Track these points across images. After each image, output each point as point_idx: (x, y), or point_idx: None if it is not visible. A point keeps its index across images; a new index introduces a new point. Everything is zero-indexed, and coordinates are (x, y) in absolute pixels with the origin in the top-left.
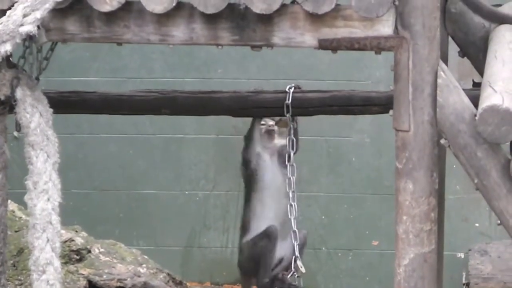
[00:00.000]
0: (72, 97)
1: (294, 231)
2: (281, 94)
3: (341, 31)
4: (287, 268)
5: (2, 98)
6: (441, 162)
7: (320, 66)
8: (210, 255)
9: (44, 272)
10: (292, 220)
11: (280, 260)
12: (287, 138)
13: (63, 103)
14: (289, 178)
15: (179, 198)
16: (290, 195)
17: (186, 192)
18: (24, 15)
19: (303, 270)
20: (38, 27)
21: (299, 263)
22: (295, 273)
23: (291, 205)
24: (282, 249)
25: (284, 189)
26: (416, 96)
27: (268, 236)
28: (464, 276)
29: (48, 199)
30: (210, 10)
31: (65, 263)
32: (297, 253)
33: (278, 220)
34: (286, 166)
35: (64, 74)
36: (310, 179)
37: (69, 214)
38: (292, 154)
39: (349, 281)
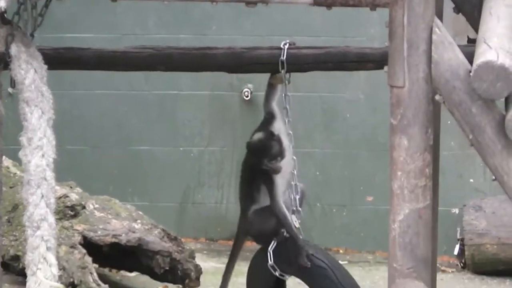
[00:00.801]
0: (66, 53)
1: (296, 185)
2: (276, 50)
3: None
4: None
5: None
6: (436, 118)
7: (315, 22)
8: (205, 211)
9: (38, 228)
10: (292, 174)
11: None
12: (283, 95)
13: (58, 60)
14: (289, 134)
15: (174, 154)
16: (290, 149)
17: (181, 149)
18: None
19: (296, 225)
20: None
21: (294, 217)
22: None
23: (293, 159)
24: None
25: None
26: (411, 53)
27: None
28: (458, 232)
29: (43, 155)
30: None
31: (60, 219)
32: (294, 208)
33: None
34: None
35: (59, 30)
36: (305, 136)
37: (63, 170)
38: (288, 109)
39: (344, 237)
